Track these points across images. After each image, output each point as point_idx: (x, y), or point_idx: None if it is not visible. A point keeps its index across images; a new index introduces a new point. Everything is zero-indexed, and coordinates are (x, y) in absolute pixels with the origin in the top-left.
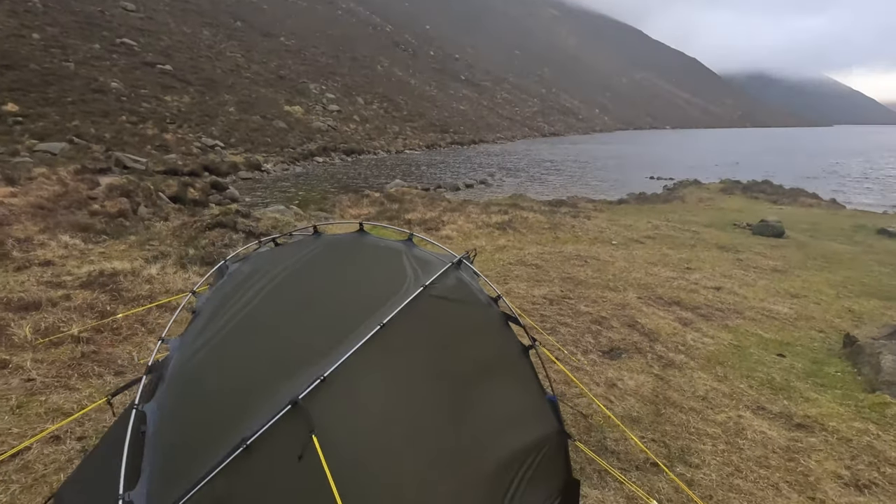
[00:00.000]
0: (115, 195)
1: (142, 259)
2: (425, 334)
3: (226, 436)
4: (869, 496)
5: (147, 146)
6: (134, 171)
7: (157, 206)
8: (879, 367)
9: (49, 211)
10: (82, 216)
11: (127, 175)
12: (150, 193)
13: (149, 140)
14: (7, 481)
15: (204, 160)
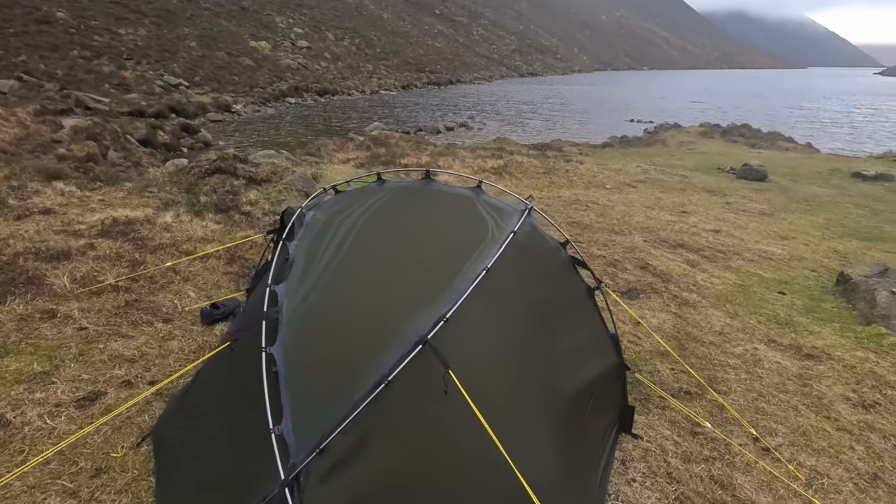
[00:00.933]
0: (81, 138)
1: (151, 207)
2: (514, 276)
3: (360, 375)
4: (874, 414)
5: (104, 84)
6: (97, 113)
7: (126, 150)
8: (875, 302)
9: (13, 155)
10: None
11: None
12: (118, 137)
13: (106, 78)
14: (97, 423)
15: (169, 100)
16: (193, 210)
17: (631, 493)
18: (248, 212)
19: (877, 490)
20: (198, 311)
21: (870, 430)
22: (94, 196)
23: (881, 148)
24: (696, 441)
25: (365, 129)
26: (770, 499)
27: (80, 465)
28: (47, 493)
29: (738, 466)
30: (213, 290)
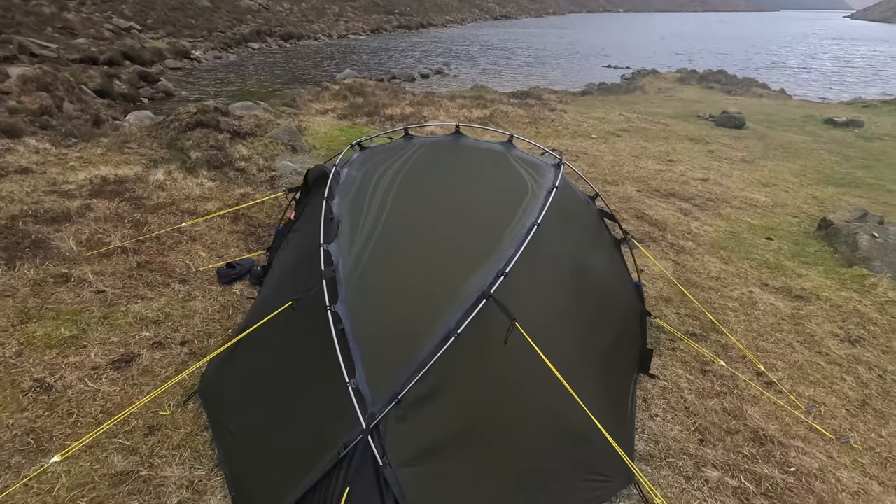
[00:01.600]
0: (31, 89)
1: (138, 165)
2: (556, 230)
3: (427, 329)
4: (860, 348)
5: (46, 28)
6: (45, 60)
7: (83, 101)
8: (856, 245)
9: None
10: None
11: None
12: (72, 87)
13: (47, 20)
14: (139, 384)
15: (121, 46)
16: (185, 167)
17: (655, 426)
18: (243, 168)
19: (866, 415)
20: (212, 271)
21: (857, 362)
22: (71, 153)
23: (849, 94)
24: (706, 378)
25: (337, 77)
26: (777, 426)
27: (133, 425)
28: (108, 452)
29: (746, 399)
30: (223, 250)
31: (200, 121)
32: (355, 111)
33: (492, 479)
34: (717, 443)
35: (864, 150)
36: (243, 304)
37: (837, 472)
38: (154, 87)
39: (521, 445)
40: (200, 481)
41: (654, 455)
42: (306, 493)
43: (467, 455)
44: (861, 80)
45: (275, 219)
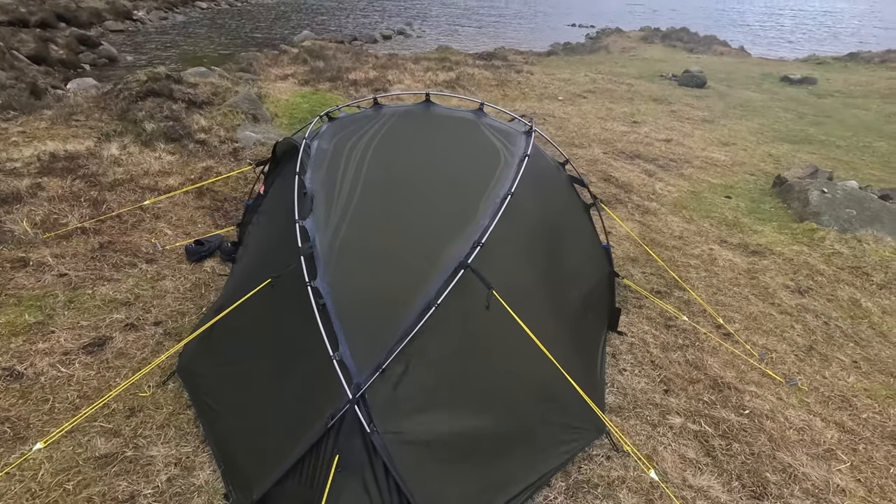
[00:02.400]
0: None
1: (88, 139)
2: (529, 197)
3: (407, 300)
4: (808, 298)
5: None
6: None
7: (16, 69)
8: (808, 200)
9: None
10: None
11: None
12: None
13: None
14: (115, 367)
15: (54, 6)
16: (141, 140)
17: (623, 380)
18: (203, 140)
19: (812, 358)
20: (180, 249)
21: (805, 311)
22: (11, 127)
23: (804, 51)
24: (670, 333)
25: (295, 38)
26: (734, 373)
27: (113, 408)
28: (89, 436)
29: (706, 350)
30: (190, 227)
31: (152, 90)
32: (317, 76)
33: (475, 438)
34: (680, 392)
35: (817, 108)
36: (216, 281)
37: (786, 412)
38: (95, 52)
39: (501, 405)
40: (188, 458)
41: (623, 406)
42: (296, 462)
43: (451, 417)
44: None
45: (241, 193)
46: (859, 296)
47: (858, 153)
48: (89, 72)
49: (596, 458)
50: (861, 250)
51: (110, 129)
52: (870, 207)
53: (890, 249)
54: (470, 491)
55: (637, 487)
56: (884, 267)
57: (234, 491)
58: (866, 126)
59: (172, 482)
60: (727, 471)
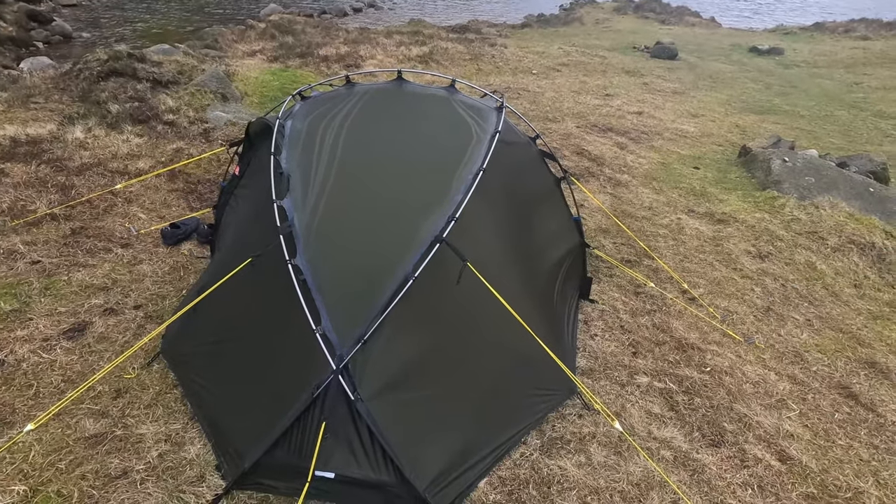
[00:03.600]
0: None
1: (50, 122)
2: (501, 172)
3: (385, 274)
4: (768, 262)
5: None
6: None
7: None
8: (770, 170)
9: None
10: None
11: None
12: None
13: None
14: (97, 351)
15: None
16: (106, 123)
17: (595, 345)
18: (171, 121)
19: (769, 318)
20: (155, 232)
21: (765, 275)
22: None
23: (772, 22)
24: (639, 299)
25: (261, 12)
26: (697, 334)
27: (98, 390)
28: (77, 418)
29: (672, 314)
30: (164, 210)
31: (114, 69)
32: (286, 52)
33: (453, 402)
34: (647, 354)
35: (783, 78)
36: (194, 263)
37: (744, 368)
38: (48, 29)
39: (478, 370)
40: (178, 434)
41: (594, 369)
42: (284, 431)
43: (430, 383)
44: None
45: (214, 174)
46: (815, 259)
47: (820, 122)
48: (43, 50)
49: (568, 416)
50: (818, 216)
51: (73, 112)
52: (827, 175)
53: (844, 214)
54: (450, 450)
55: (606, 441)
56: (838, 231)
57: (225, 462)
58: (829, 95)
59: (164, 457)
60: (689, 423)
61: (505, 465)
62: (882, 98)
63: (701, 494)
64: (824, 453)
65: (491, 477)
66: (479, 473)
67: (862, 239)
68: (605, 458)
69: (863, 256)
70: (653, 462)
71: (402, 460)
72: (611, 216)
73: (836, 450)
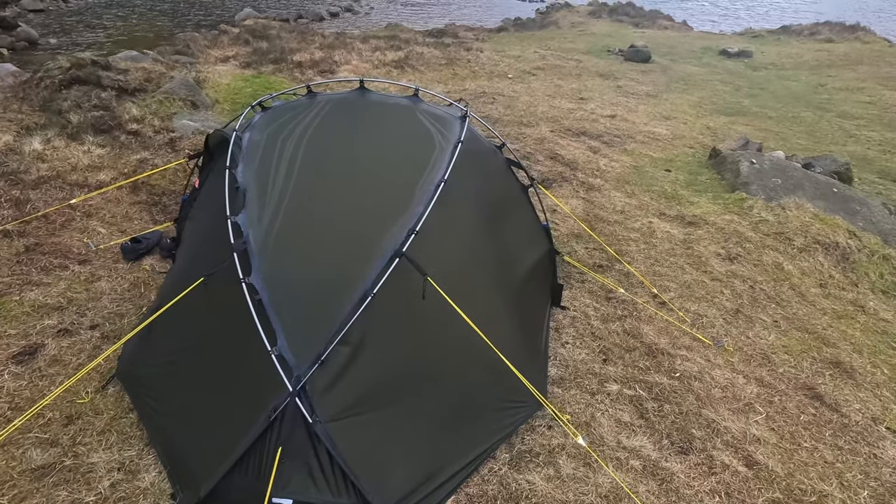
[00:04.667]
0: None
1: (6, 133)
2: (464, 182)
3: (343, 291)
4: (737, 264)
5: None
6: None
7: None
8: (739, 171)
9: None
10: None
11: None
12: None
13: None
14: (49, 375)
15: None
16: (66, 133)
17: (566, 352)
18: (135, 130)
19: (738, 320)
20: (115, 247)
21: (734, 277)
22: None
23: (741, 25)
24: (610, 304)
25: (235, 17)
26: (667, 339)
27: (48, 417)
28: (24, 448)
29: (643, 319)
30: (125, 224)
31: (77, 77)
32: (260, 58)
33: (419, 420)
34: (617, 360)
35: (751, 80)
36: (156, 279)
37: (712, 372)
38: (13, 35)
39: (445, 386)
40: (132, 461)
41: (565, 378)
42: (241, 456)
43: (393, 402)
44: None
45: (179, 185)
46: (782, 259)
47: (788, 123)
48: (7, 56)
49: (538, 428)
50: (784, 217)
51: (31, 122)
52: (793, 176)
53: (810, 215)
54: (416, 469)
55: (576, 453)
56: (804, 231)
57: (181, 490)
58: (795, 97)
59: (116, 487)
60: (658, 430)
61: (473, 481)
62: (845, 99)
63: None
64: (790, 457)
65: (458, 494)
66: (447, 492)
67: (827, 239)
68: (573, 471)
69: (827, 256)
70: (617, 477)
71: (363, 483)
72: (580, 224)
73: (802, 453)
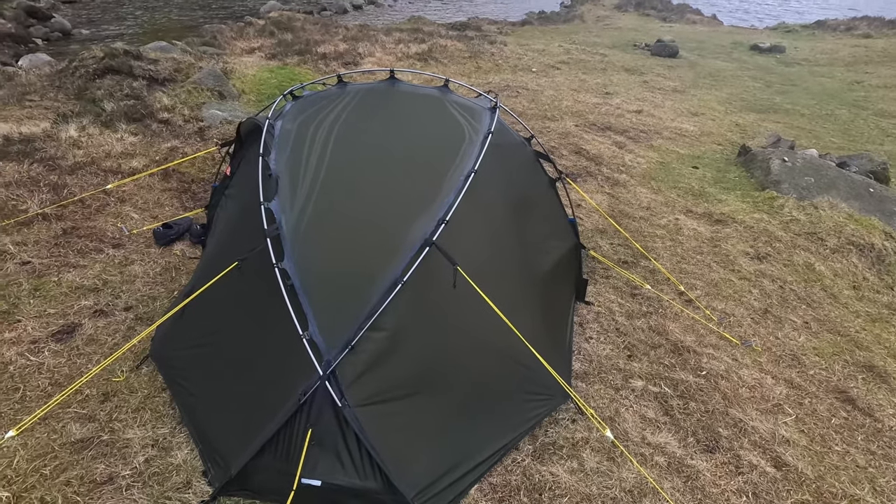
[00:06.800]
0: None
1: (44, 120)
2: (493, 174)
3: (374, 278)
4: (766, 264)
5: None
6: None
7: None
8: (769, 169)
9: None
10: None
11: None
12: None
13: None
14: (86, 353)
15: None
16: (101, 121)
17: (590, 347)
18: (166, 119)
19: (766, 321)
20: (148, 232)
21: (763, 276)
22: None
23: (774, 20)
24: (635, 301)
25: (261, 9)
26: (693, 337)
27: (86, 394)
28: (64, 422)
29: (668, 316)
30: (157, 210)
31: (110, 66)
32: (285, 49)
33: (445, 408)
34: (642, 357)
35: (784, 76)
36: (186, 264)
37: (740, 371)
38: (47, 26)
39: (471, 375)
40: (165, 439)
41: (589, 372)
42: (271, 437)
43: (420, 390)
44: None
45: (208, 173)
46: (813, 260)
47: (821, 121)
48: (42, 47)
49: (562, 421)
50: (817, 216)
51: (67, 110)
52: (827, 175)
53: (844, 215)
54: (441, 457)
55: (599, 447)
56: (837, 232)
57: (212, 468)
58: (830, 94)
59: (150, 462)
60: (683, 428)
61: (496, 470)
62: (883, 97)
63: (694, 501)
64: (820, 459)
65: (482, 483)
66: (472, 481)
67: (861, 240)
68: (597, 465)
69: (862, 258)
70: (644, 471)
71: (390, 467)
72: (607, 218)
73: (833, 456)
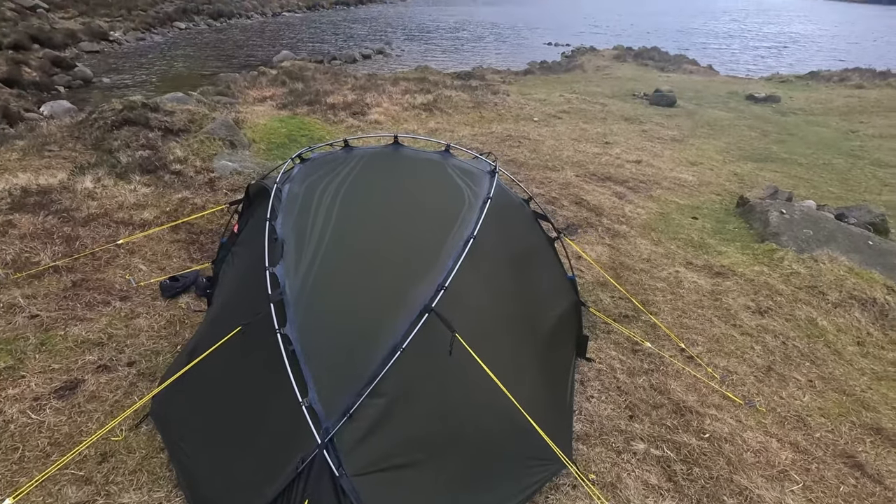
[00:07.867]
0: None
1: (62, 170)
2: (493, 237)
3: (374, 344)
4: (768, 318)
5: None
6: None
7: None
8: (768, 221)
9: None
10: None
11: None
12: None
13: None
14: (87, 411)
15: (27, 27)
16: (115, 172)
17: (591, 407)
18: (178, 171)
19: (770, 379)
20: (155, 285)
21: (765, 332)
22: None
23: (768, 70)
24: (636, 357)
25: (273, 59)
26: (695, 397)
27: (84, 454)
28: (60, 485)
29: (670, 374)
30: (165, 262)
31: (128, 118)
32: (296, 99)
33: (445, 476)
34: (644, 417)
35: (780, 125)
36: (191, 318)
37: (744, 434)
38: (70, 74)
39: (471, 442)
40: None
41: (590, 434)
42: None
43: (418, 459)
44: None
45: (216, 224)
46: (815, 315)
47: (818, 170)
48: (64, 94)
49: (562, 487)
50: (817, 270)
51: (84, 161)
52: (825, 227)
53: (844, 268)
54: None
55: None
56: (838, 286)
57: None
58: (826, 143)
59: None
60: (687, 496)
61: None
62: (879, 146)
63: None
64: None
65: None
66: None
67: (863, 294)
68: None
69: (864, 312)
70: None
71: None
72: (605, 275)
73: None
